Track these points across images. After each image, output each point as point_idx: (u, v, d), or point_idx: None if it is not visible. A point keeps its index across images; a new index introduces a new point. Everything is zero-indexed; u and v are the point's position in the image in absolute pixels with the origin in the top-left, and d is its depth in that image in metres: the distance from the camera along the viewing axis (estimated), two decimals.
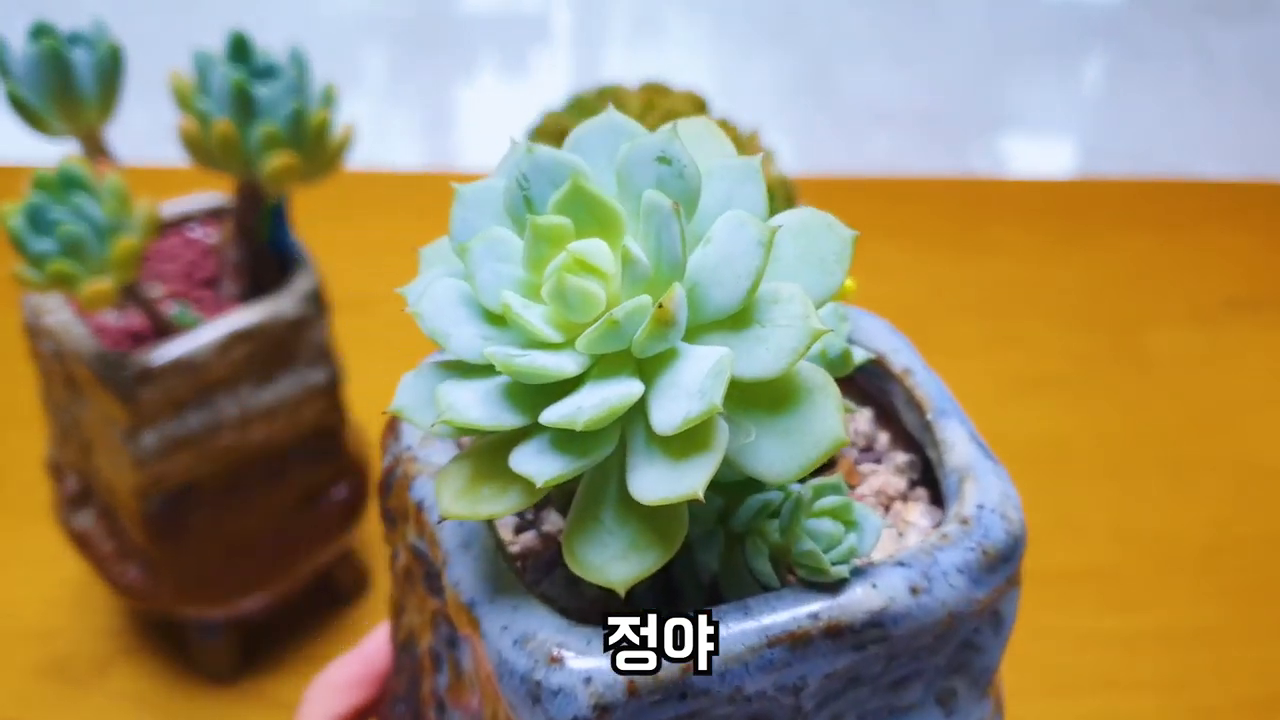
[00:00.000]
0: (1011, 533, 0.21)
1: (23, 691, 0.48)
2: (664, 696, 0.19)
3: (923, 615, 0.20)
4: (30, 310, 0.43)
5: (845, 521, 0.21)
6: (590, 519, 0.19)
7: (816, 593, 0.20)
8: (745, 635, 0.19)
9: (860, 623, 0.20)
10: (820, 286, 0.20)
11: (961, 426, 0.24)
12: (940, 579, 0.20)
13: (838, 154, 0.97)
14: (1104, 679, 0.50)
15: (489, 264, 0.20)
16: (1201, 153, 0.98)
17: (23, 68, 0.40)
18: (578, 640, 0.19)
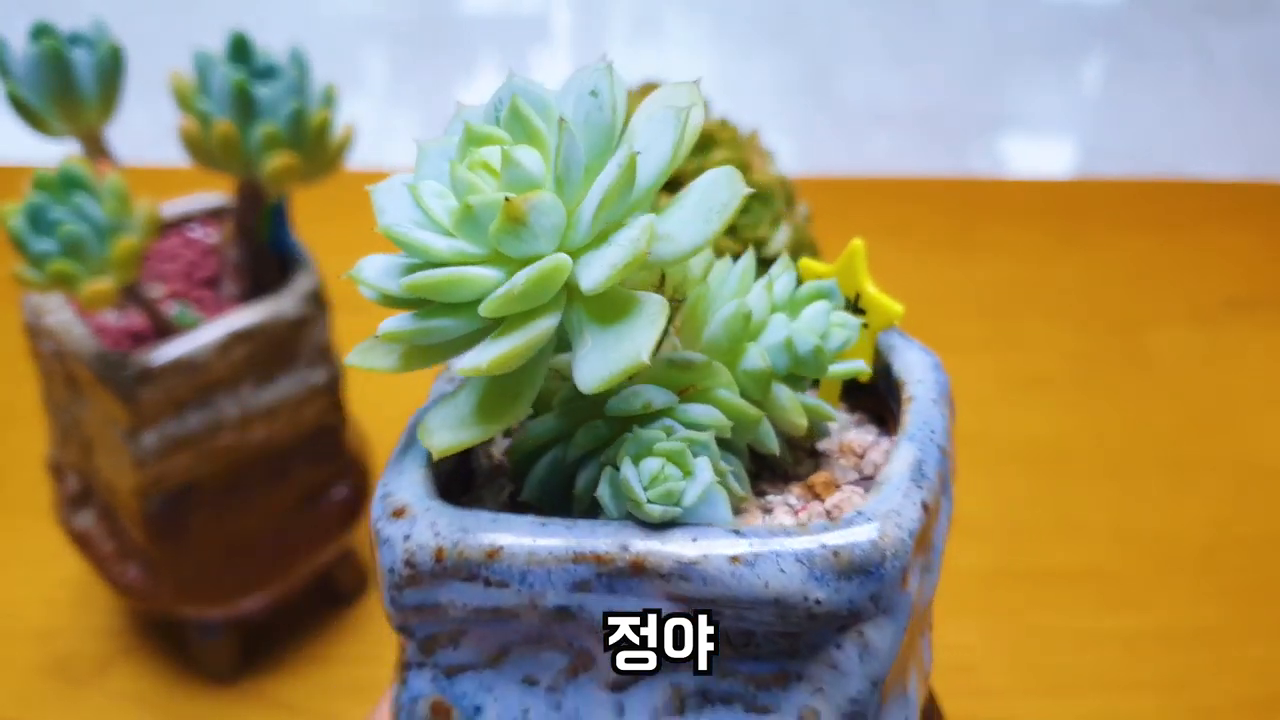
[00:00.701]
0: (879, 546, 0.20)
1: (23, 691, 0.48)
2: (467, 575, 0.20)
3: (739, 587, 0.20)
4: (30, 310, 0.43)
5: (681, 466, 0.21)
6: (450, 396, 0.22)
7: (640, 528, 0.20)
8: (554, 546, 0.20)
9: (667, 569, 0.20)
10: (696, 233, 0.21)
11: (916, 451, 0.23)
12: (770, 559, 0.20)
13: (837, 154, 0.97)
14: (1103, 679, 0.50)
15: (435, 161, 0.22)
16: (1201, 153, 0.98)
17: (23, 68, 0.40)
18: (418, 504, 0.21)
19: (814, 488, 0.24)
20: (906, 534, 0.21)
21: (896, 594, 0.21)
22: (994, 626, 0.52)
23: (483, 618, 0.21)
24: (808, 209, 0.44)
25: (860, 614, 0.20)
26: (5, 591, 0.53)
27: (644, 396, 0.22)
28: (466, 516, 0.21)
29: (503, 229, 0.20)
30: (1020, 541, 0.56)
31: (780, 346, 0.23)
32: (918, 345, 0.27)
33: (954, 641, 0.51)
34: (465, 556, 0.20)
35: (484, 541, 0.20)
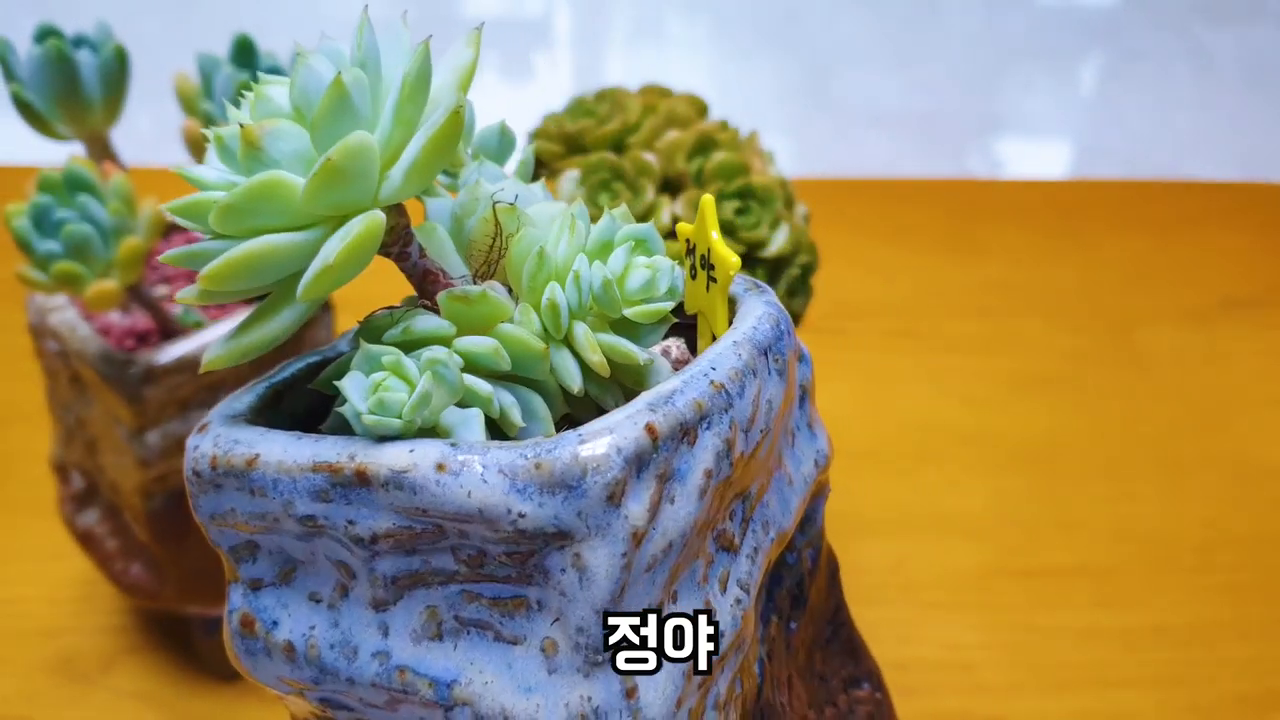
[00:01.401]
0: (581, 461, 0.20)
1: (28, 689, 0.48)
2: (234, 483, 0.22)
3: (443, 495, 0.20)
4: (35, 310, 0.43)
5: (403, 379, 0.21)
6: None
7: (369, 443, 0.21)
8: (299, 455, 0.21)
9: (383, 477, 0.20)
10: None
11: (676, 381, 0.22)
12: (472, 468, 0.20)
13: (836, 156, 0.97)
14: (1100, 676, 0.50)
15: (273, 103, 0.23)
16: (1197, 154, 0.99)
17: (28, 70, 0.40)
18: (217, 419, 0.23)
19: None
20: (614, 450, 0.20)
21: (608, 513, 0.20)
22: (991, 624, 0.52)
23: (258, 528, 0.22)
24: (807, 210, 0.44)
25: (570, 533, 0.20)
26: (10, 590, 0.53)
27: (409, 323, 0.23)
28: (245, 431, 0.23)
29: (244, 155, 0.21)
30: (1017, 540, 0.57)
31: (571, 282, 0.24)
32: (766, 297, 0.26)
33: (951, 639, 0.52)
34: (232, 464, 0.22)
35: (245, 451, 0.22)
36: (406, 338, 0.23)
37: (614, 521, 0.20)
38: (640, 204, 0.40)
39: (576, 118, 0.44)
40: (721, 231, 0.40)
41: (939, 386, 0.65)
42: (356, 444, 0.21)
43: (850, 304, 0.70)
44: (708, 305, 0.25)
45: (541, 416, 0.24)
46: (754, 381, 0.24)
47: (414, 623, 0.22)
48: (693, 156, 0.42)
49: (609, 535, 0.20)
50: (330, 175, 0.21)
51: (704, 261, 0.25)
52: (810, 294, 0.43)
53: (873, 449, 0.61)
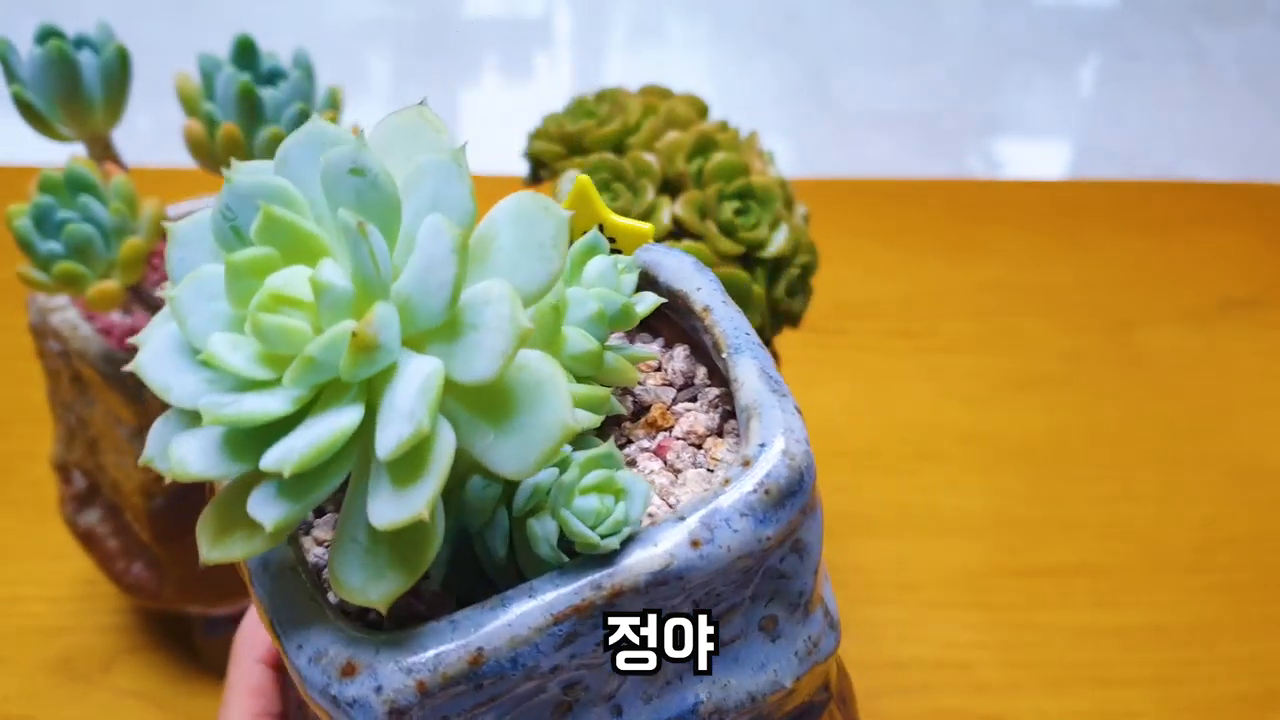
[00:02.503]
0: (794, 466, 0.22)
1: (29, 688, 0.49)
2: (457, 689, 0.19)
3: (708, 565, 0.20)
4: (36, 310, 0.43)
5: (612, 492, 0.21)
6: (349, 540, 0.19)
7: (598, 563, 0.20)
8: (529, 616, 0.20)
9: (644, 584, 0.20)
10: (539, 273, 0.20)
11: (754, 362, 0.24)
12: (723, 526, 0.21)
13: (836, 156, 0.98)
14: (1098, 675, 0.50)
15: (200, 305, 0.19)
16: (1195, 154, 0.99)
17: (29, 71, 0.40)
18: (365, 651, 0.20)
19: (654, 422, 0.24)
20: (805, 443, 0.22)
21: (814, 496, 0.22)
22: (990, 623, 0.52)
23: (479, 712, 0.20)
24: (806, 210, 0.44)
25: (794, 524, 0.22)
26: (11, 589, 0.53)
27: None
28: (426, 639, 0.20)
29: (356, 361, 0.18)
30: (1016, 539, 0.57)
31: (593, 320, 0.23)
32: (671, 251, 0.27)
33: (950, 638, 0.52)
34: (449, 676, 0.19)
35: (463, 653, 0.19)
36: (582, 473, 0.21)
37: (817, 499, 0.23)
38: (640, 204, 0.41)
39: (577, 118, 0.44)
40: (722, 231, 0.41)
41: (939, 386, 0.66)
42: (585, 574, 0.20)
43: (850, 304, 0.70)
44: None
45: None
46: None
47: (643, 686, 0.22)
48: (693, 157, 0.42)
49: (817, 510, 0.23)
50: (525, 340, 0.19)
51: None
52: (810, 294, 0.43)
53: (873, 449, 0.62)
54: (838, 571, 0.55)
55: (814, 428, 0.69)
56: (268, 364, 0.19)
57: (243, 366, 0.18)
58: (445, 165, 0.19)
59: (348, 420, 0.18)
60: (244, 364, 0.18)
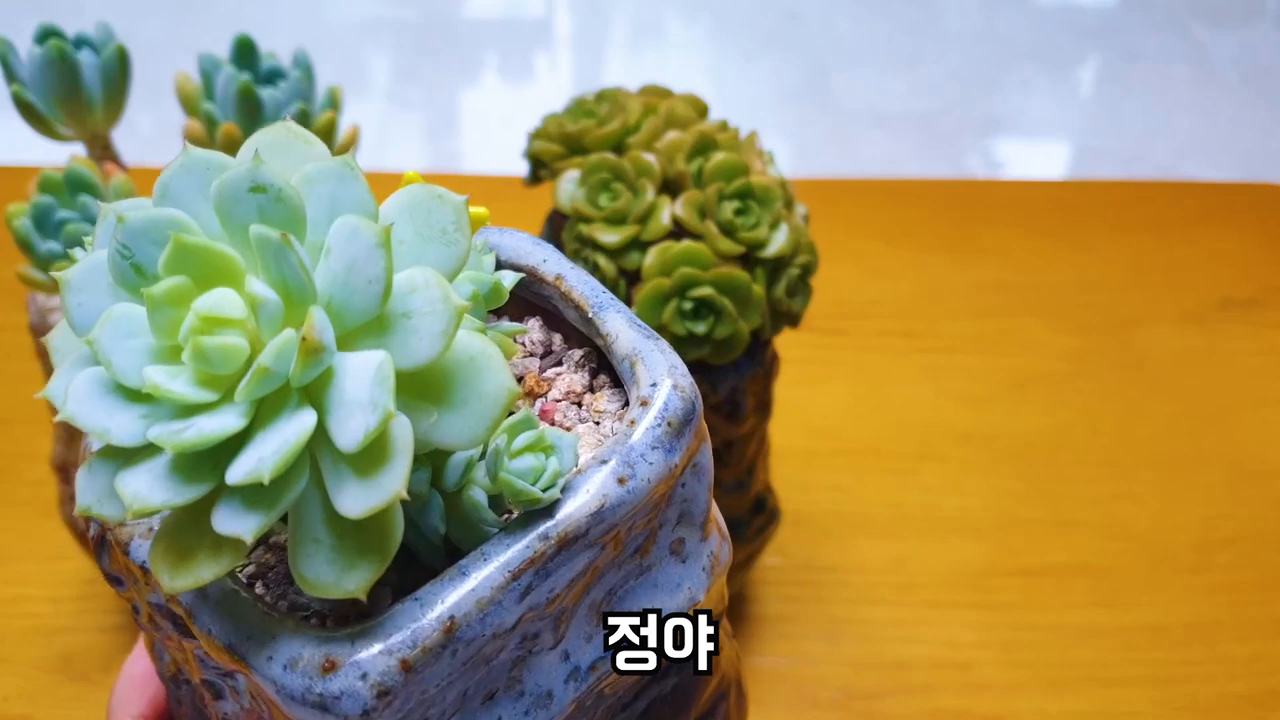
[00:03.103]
0: (686, 398, 0.23)
1: (29, 688, 0.49)
2: (435, 659, 0.20)
3: (634, 498, 0.22)
4: (36, 310, 0.43)
5: (543, 450, 0.22)
6: (308, 540, 0.20)
7: (539, 518, 0.21)
8: (490, 578, 0.21)
9: (585, 526, 0.21)
10: (448, 257, 0.20)
11: (620, 315, 0.26)
12: (640, 461, 0.22)
13: (835, 156, 0.98)
14: (1097, 675, 0.51)
15: (120, 344, 0.19)
16: (1194, 155, 0.99)
17: (29, 71, 0.40)
18: (341, 646, 0.20)
19: (531, 390, 0.26)
20: (688, 375, 0.24)
21: (703, 420, 0.24)
22: (990, 623, 0.53)
23: (455, 677, 0.21)
24: (806, 210, 0.44)
25: (693, 453, 0.24)
26: (11, 589, 0.53)
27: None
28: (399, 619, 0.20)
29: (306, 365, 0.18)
30: (1016, 539, 0.57)
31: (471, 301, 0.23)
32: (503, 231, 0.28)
33: (950, 638, 0.52)
34: (428, 648, 0.20)
35: (436, 623, 0.20)
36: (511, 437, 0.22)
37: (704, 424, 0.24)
38: (640, 204, 0.41)
39: (577, 118, 0.44)
40: (722, 231, 0.41)
41: (938, 386, 0.66)
42: (533, 527, 0.21)
43: (850, 304, 0.71)
44: None
45: None
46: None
47: (584, 628, 0.23)
48: (693, 157, 0.42)
49: (705, 435, 0.24)
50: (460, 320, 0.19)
51: None
52: (810, 294, 0.44)
53: (872, 449, 0.62)
54: (838, 571, 0.55)
55: (814, 428, 0.70)
56: (207, 386, 0.19)
57: (187, 392, 0.19)
58: (337, 170, 0.20)
59: (305, 423, 0.19)
60: (187, 389, 0.19)
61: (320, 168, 0.20)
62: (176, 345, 0.19)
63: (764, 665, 0.50)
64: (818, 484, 0.59)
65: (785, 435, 0.54)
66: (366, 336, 0.20)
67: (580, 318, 0.26)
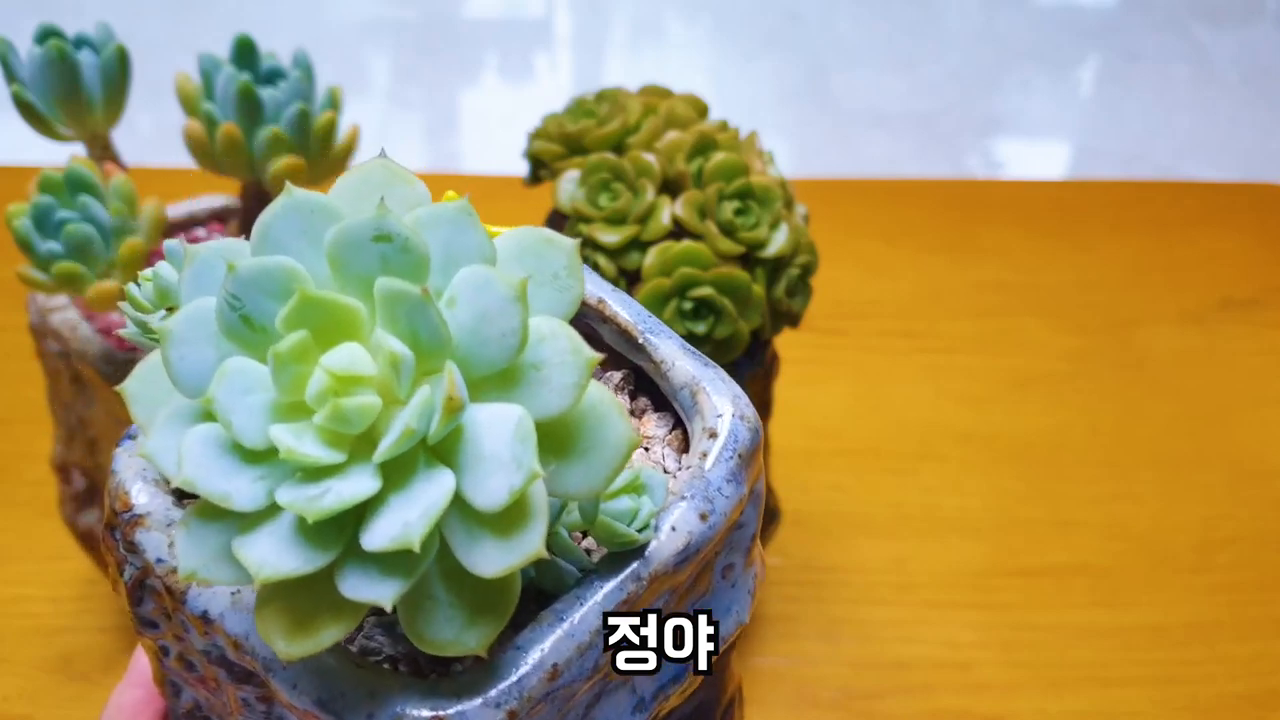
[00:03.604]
0: (752, 428, 0.24)
1: (29, 688, 0.49)
2: (539, 707, 0.20)
3: (713, 533, 0.22)
4: (36, 310, 0.43)
5: (637, 490, 0.22)
6: (425, 599, 0.19)
7: (630, 558, 0.21)
8: (586, 621, 0.21)
9: (674, 565, 0.22)
10: (562, 303, 0.20)
11: (672, 341, 0.25)
12: (718, 496, 0.22)
13: (835, 156, 0.98)
14: (1097, 675, 0.51)
15: (239, 401, 0.18)
16: (1194, 154, 0.99)
17: (29, 70, 0.40)
18: (445, 700, 0.20)
19: None
20: (750, 403, 0.24)
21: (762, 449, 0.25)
22: (990, 623, 0.53)
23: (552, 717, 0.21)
24: (806, 210, 0.44)
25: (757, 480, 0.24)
26: (11, 589, 0.53)
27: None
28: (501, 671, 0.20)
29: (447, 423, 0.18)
30: (1015, 538, 0.57)
31: None
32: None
33: (949, 637, 0.52)
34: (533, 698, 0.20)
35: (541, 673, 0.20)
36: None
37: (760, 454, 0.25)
38: (640, 204, 0.41)
39: (577, 118, 0.44)
40: (722, 231, 0.41)
41: (938, 386, 0.66)
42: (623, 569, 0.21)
43: (850, 304, 0.71)
44: None
45: None
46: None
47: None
48: (693, 157, 0.42)
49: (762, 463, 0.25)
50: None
51: None
52: (810, 294, 0.44)
53: (872, 449, 0.62)
54: (838, 571, 0.55)
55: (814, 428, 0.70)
56: (336, 446, 0.18)
57: (318, 454, 0.18)
58: (452, 216, 0.19)
59: (446, 486, 0.18)
60: (318, 451, 0.18)
61: (433, 213, 0.19)
62: (299, 403, 0.18)
63: (764, 665, 0.50)
64: (818, 484, 0.59)
65: (785, 435, 0.54)
66: (494, 389, 0.19)
67: (627, 342, 0.26)
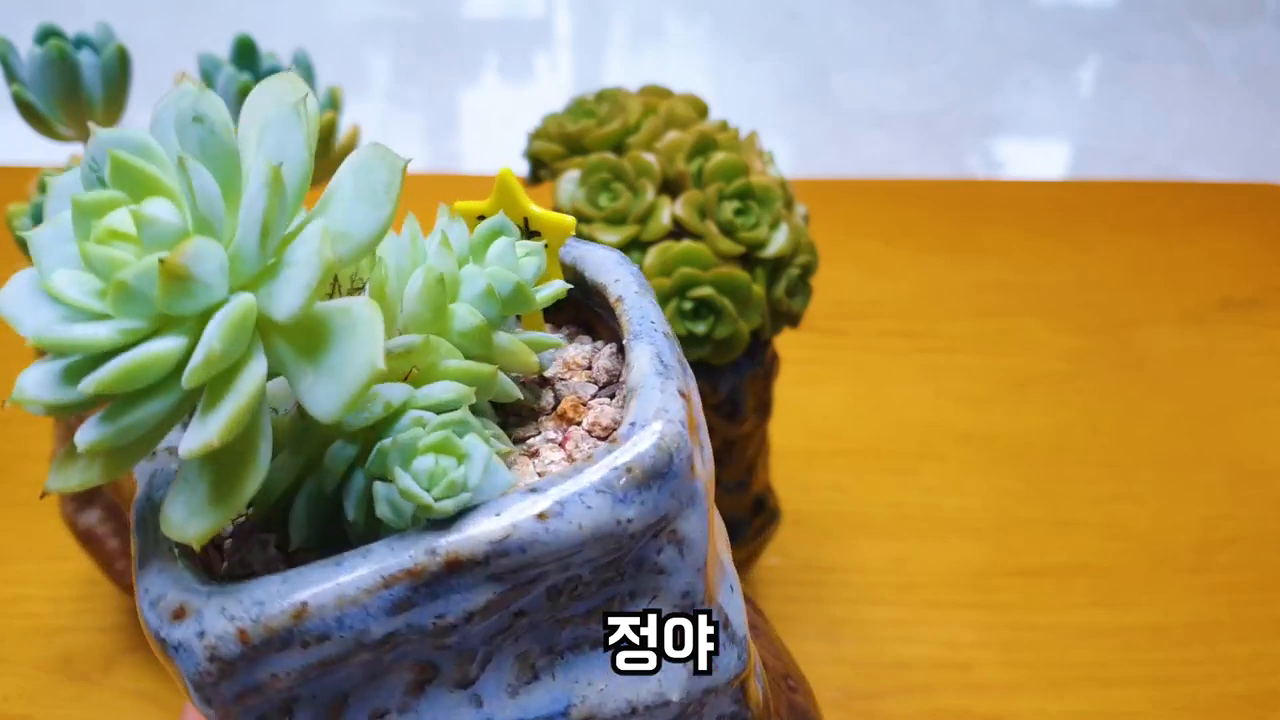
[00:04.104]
0: (663, 447, 0.20)
1: (29, 688, 0.49)
2: (280, 645, 0.19)
3: (555, 540, 0.19)
4: None
5: (452, 454, 0.20)
6: (180, 478, 0.20)
7: (438, 530, 0.19)
8: (360, 579, 0.19)
9: (482, 553, 0.19)
10: (370, 219, 0.20)
11: (650, 347, 0.23)
12: (574, 501, 0.20)
13: (835, 156, 0.98)
14: (1097, 675, 0.51)
15: (56, 246, 0.20)
16: (1195, 155, 0.99)
17: (29, 70, 0.40)
18: (197, 596, 0.20)
19: (565, 414, 0.24)
20: (680, 425, 0.21)
21: (692, 484, 0.21)
22: (990, 623, 0.52)
23: (311, 676, 0.20)
24: (806, 210, 0.44)
25: (668, 516, 0.21)
26: (11, 589, 0.53)
27: (382, 398, 0.20)
28: (254, 588, 0.19)
29: (169, 291, 0.18)
30: (1016, 539, 0.57)
31: (483, 296, 0.23)
32: (597, 246, 0.27)
33: (948, 637, 0.52)
34: (272, 628, 0.19)
35: (285, 605, 0.19)
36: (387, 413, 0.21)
37: (696, 488, 0.21)
38: (640, 204, 0.41)
39: (576, 118, 0.44)
40: (722, 231, 0.41)
41: (939, 386, 0.66)
42: (424, 538, 0.19)
43: (850, 304, 0.71)
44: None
45: (500, 435, 0.23)
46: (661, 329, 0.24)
47: (506, 678, 0.21)
48: (693, 157, 0.42)
49: (696, 502, 0.21)
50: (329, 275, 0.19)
51: (526, 231, 0.26)
52: (810, 294, 0.44)
53: (872, 449, 0.62)
54: (838, 572, 0.55)
55: (814, 428, 0.70)
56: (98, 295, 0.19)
57: (78, 298, 0.19)
58: (285, 116, 0.20)
59: (164, 348, 0.18)
60: (80, 296, 0.19)
61: (273, 113, 0.20)
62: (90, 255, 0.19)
63: None
64: (818, 484, 0.59)
65: (785, 435, 0.54)
66: (263, 282, 0.19)
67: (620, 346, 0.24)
